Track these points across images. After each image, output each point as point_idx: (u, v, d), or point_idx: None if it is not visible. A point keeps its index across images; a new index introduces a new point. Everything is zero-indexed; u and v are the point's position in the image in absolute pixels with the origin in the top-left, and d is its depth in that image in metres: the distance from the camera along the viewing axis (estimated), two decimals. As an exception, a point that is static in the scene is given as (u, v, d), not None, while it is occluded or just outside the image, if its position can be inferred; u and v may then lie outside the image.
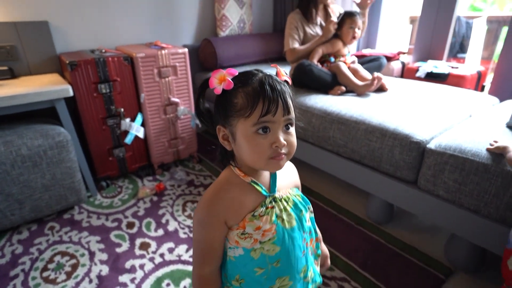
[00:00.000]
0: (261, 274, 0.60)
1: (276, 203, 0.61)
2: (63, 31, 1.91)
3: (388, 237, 1.44)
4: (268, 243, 0.59)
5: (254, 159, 0.57)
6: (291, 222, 0.62)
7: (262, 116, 0.53)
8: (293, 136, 0.59)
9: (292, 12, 1.86)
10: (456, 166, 1.08)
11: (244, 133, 0.55)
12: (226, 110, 0.57)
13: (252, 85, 0.55)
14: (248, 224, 0.58)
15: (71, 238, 1.47)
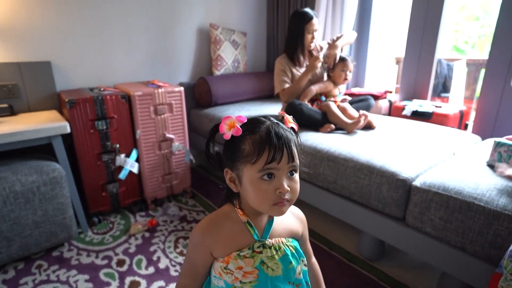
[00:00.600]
0: None
1: (264, 249, 0.62)
2: (64, 70, 1.99)
3: (379, 274, 1.43)
4: (248, 285, 0.61)
5: (259, 203, 0.60)
6: (277, 271, 0.63)
7: (268, 163, 0.57)
8: (296, 182, 0.61)
9: (279, 57, 1.98)
10: (441, 204, 1.11)
11: (249, 178, 0.59)
12: (234, 155, 0.60)
13: (260, 133, 0.59)
14: (232, 261, 0.61)
15: (59, 277, 1.44)
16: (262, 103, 2.50)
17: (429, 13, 2.06)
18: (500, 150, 1.19)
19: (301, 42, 1.93)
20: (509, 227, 0.96)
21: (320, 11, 2.33)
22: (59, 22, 1.92)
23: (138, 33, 2.22)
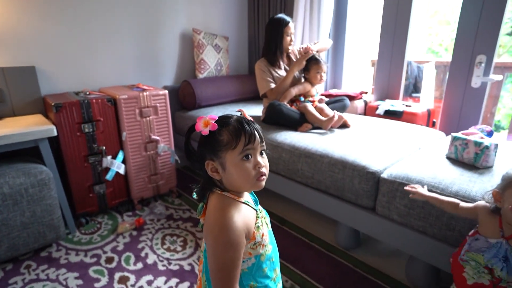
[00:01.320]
0: (267, 271, 0.75)
1: (260, 213, 0.78)
2: (49, 74, 2.03)
3: (355, 262, 1.54)
4: (267, 245, 0.75)
5: (244, 181, 0.70)
6: (269, 225, 0.79)
7: (246, 145, 0.69)
8: (267, 160, 0.75)
9: (258, 61, 2.09)
10: (405, 192, 1.23)
11: (232, 162, 0.69)
12: (214, 147, 0.70)
13: (233, 124, 0.70)
14: (256, 235, 0.71)
15: (48, 276, 1.48)
16: (245, 104, 2.59)
17: (398, 19, 2.21)
18: (456, 144, 1.33)
19: (281, 44, 2.04)
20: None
21: (298, 17, 2.45)
22: (43, 27, 1.95)
23: (122, 38, 2.28)
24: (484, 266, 0.89)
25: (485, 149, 1.22)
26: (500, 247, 0.88)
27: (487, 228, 0.92)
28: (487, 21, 1.82)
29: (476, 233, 0.94)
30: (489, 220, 0.93)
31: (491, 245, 0.89)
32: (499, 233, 0.89)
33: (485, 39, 1.85)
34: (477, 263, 0.90)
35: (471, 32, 1.89)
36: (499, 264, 0.86)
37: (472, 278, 0.91)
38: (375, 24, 2.46)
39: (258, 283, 0.73)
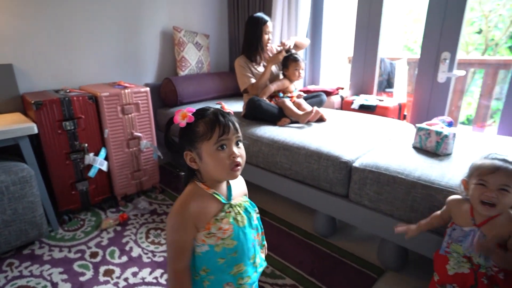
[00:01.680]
0: (222, 263, 0.77)
1: (232, 208, 0.79)
2: (27, 72, 2.02)
3: (332, 247, 1.64)
4: (228, 239, 0.77)
5: (219, 170, 0.75)
6: (243, 222, 0.80)
7: (220, 136, 0.73)
8: (243, 150, 0.79)
9: (238, 58, 2.16)
10: (374, 179, 1.33)
11: (208, 152, 0.74)
12: (191, 138, 0.76)
13: (209, 116, 0.75)
14: (213, 226, 0.75)
15: (32, 272, 1.50)
16: (226, 101, 2.64)
17: (371, 19, 2.33)
18: (420, 134, 1.44)
19: (259, 42, 2.12)
20: (422, 193, 1.19)
21: (277, 16, 2.52)
22: (21, 24, 1.94)
23: (102, 36, 2.28)
24: (463, 256, 0.94)
25: (445, 138, 1.33)
26: (473, 235, 0.92)
27: (460, 217, 0.98)
28: (450, 21, 1.95)
29: (453, 224, 1.00)
30: (461, 210, 0.98)
31: (466, 233, 0.94)
32: (471, 221, 0.94)
33: (448, 37, 1.99)
34: (457, 253, 0.95)
35: (436, 31, 2.02)
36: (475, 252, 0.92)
37: (453, 268, 0.95)
38: (351, 23, 2.56)
39: (211, 270, 0.78)
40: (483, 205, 0.89)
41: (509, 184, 0.86)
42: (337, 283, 1.40)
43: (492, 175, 0.87)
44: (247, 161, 1.88)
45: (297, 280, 1.42)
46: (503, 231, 0.90)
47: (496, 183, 0.87)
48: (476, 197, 0.90)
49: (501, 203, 0.87)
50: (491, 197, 0.87)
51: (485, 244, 0.88)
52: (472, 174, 0.94)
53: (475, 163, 0.94)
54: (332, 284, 1.39)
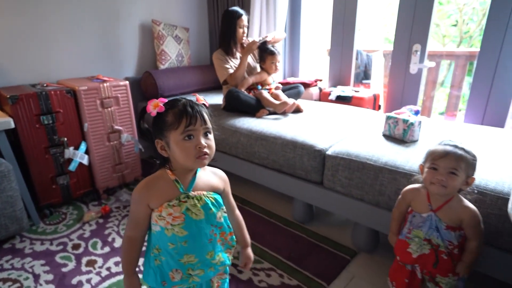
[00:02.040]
0: (172, 248, 0.81)
1: (189, 199, 0.81)
2: (2, 67, 1.99)
3: (309, 232, 1.72)
4: (177, 227, 0.80)
5: (185, 159, 0.78)
6: (199, 216, 0.82)
7: (186, 127, 0.76)
8: (211, 141, 0.82)
9: (215, 52, 2.21)
10: (345, 166, 1.40)
11: (175, 141, 0.77)
12: (161, 127, 0.79)
13: (178, 107, 0.78)
14: (164, 210, 0.79)
15: (13, 265, 1.51)
16: (206, 94, 2.67)
17: (347, 12, 2.39)
18: (389, 122, 1.52)
19: (234, 36, 2.16)
20: (389, 177, 1.27)
21: (255, 9, 2.55)
22: (-7, 18, 1.91)
23: (80, 29, 2.26)
24: (423, 239, 1.01)
25: (411, 125, 1.42)
26: (431, 220, 0.99)
27: (419, 204, 1.03)
28: (420, 14, 2.04)
29: (412, 211, 1.06)
30: (419, 197, 1.04)
31: (425, 219, 1.00)
32: (428, 207, 1.00)
33: (419, 30, 2.07)
34: (419, 238, 1.02)
35: (408, 24, 2.10)
36: (434, 234, 0.99)
37: (416, 252, 1.02)
38: (329, 15, 2.62)
39: (162, 251, 0.83)
40: (433, 184, 0.95)
41: (457, 168, 0.92)
42: (312, 265, 1.48)
43: (443, 159, 0.94)
44: (227, 152, 1.94)
45: (274, 264, 1.49)
46: (456, 215, 0.97)
47: (446, 166, 0.93)
48: (428, 180, 0.97)
49: (450, 186, 0.93)
50: (440, 180, 0.93)
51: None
52: (427, 158, 1.00)
53: (430, 149, 1.00)
54: (308, 267, 1.47)
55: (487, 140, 1.47)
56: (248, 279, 1.41)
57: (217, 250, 0.87)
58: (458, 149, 0.94)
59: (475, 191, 1.07)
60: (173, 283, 0.83)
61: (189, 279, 0.84)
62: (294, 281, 1.39)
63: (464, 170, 0.93)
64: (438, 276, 1.03)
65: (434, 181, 0.95)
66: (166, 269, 0.83)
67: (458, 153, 0.93)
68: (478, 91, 1.93)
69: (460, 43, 4.68)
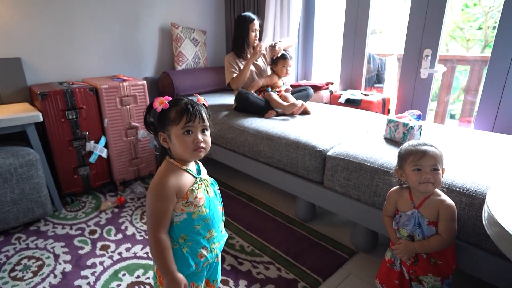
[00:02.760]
0: (199, 228, 0.91)
1: (202, 181, 0.94)
2: (34, 65, 2.18)
3: (310, 230, 1.77)
4: (202, 207, 0.90)
5: (183, 151, 0.88)
6: (211, 193, 0.95)
7: (186, 123, 0.86)
8: (208, 137, 0.92)
9: (228, 55, 2.32)
10: (344, 167, 1.45)
11: (176, 135, 0.88)
12: (164, 121, 0.89)
13: (181, 105, 0.89)
14: (190, 195, 0.88)
15: (37, 245, 1.67)
16: (221, 94, 2.78)
17: (359, 17, 2.42)
18: (390, 126, 1.55)
19: (247, 39, 2.25)
20: (385, 178, 1.31)
21: (270, 13, 2.63)
22: (29, 21, 2.10)
23: (104, 32, 2.43)
24: (407, 236, 1.07)
25: (410, 129, 1.45)
26: (414, 216, 1.05)
27: (403, 204, 1.09)
28: (431, 19, 2.04)
29: (398, 212, 1.11)
30: (403, 197, 1.09)
31: (409, 217, 1.06)
32: (411, 205, 1.06)
33: (430, 35, 2.08)
34: (404, 236, 1.08)
35: (419, 29, 2.11)
36: (417, 230, 1.04)
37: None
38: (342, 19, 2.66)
39: (189, 236, 0.90)
40: (423, 184, 1.00)
41: (437, 164, 1.00)
42: (310, 261, 1.54)
43: (424, 159, 0.99)
44: (236, 151, 2.03)
45: (273, 258, 1.56)
46: (435, 208, 1.02)
47: (428, 164, 0.99)
48: (416, 181, 1.01)
49: (437, 182, 1.00)
50: (428, 178, 0.99)
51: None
52: (405, 162, 1.04)
53: (403, 152, 1.05)
54: (305, 262, 1.53)
55: (477, 145, 1.47)
56: (247, 270, 1.49)
57: (221, 222, 1.00)
58: (432, 147, 1.01)
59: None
60: (203, 261, 0.91)
61: (213, 253, 0.93)
62: (291, 275, 1.46)
63: (441, 164, 1.01)
64: (421, 275, 1.07)
65: (422, 180, 1.00)
66: (195, 251, 0.90)
67: (434, 150, 1.01)
68: (489, 97, 1.92)
69: (485, 47, 4.54)
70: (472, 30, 4.67)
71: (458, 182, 1.15)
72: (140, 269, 1.49)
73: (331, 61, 3.13)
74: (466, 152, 1.40)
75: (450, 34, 4.58)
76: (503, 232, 0.62)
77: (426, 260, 1.04)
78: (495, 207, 0.70)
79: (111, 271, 1.48)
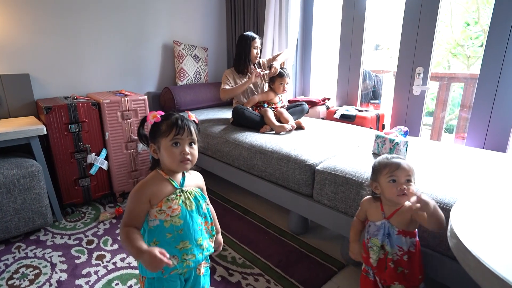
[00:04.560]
0: (170, 237, 0.94)
1: (182, 193, 0.97)
2: (41, 81, 2.29)
3: (301, 243, 1.80)
4: (175, 218, 0.94)
5: (171, 162, 0.94)
6: (191, 206, 0.98)
7: (175, 135, 0.93)
8: (195, 150, 0.97)
9: (227, 70, 2.43)
10: (331, 180, 1.50)
11: (164, 146, 0.94)
12: (155, 134, 0.96)
13: (171, 119, 0.95)
14: (164, 204, 0.94)
15: (36, 254, 1.72)
16: (220, 109, 2.86)
17: (354, 34, 2.50)
18: (378, 141, 1.59)
19: (249, 56, 2.35)
20: (369, 192, 1.35)
21: (268, 30, 2.73)
22: (37, 38, 2.22)
23: (109, 49, 2.55)
24: (380, 246, 1.09)
25: (396, 145, 1.49)
26: (384, 227, 1.09)
27: (373, 214, 1.14)
28: (423, 38, 2.11)
29: (368, 221, 1.16)
30: (373, 207, 1.15)
31: (379, 227, 1.10)
32: (382, 216, 1.11)
33: (422, 53, 2.14)
34: (376, 246, 1.10)
35: (411, 47, 2.18)
36: (386, 240, 1.08)
37: (376, 260, 1.10)
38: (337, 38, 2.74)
39: (160, 242, 0.94)
40: (399, 196, 1.04)
41: (411, 176, 1.05)
42: (299, 273, 1.56)
43: (398, 170, 1.04)
44: (231, 164, 2.09)
45: (264, 270, 1.59)
46: (407, 216, 1.06)
47: (403, 175, 1.04)
48: (393, 193, 1.04)
49: (410, 192, 1.04)
50: (404, 189, 1.03)
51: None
52: (380, 174, 1.08)
53: (378, 165, 1.09)
54: (294, 274, 1.55)
55: (459, 160, 1.51)
56: (237, 281, 1.52)
57: (204, 237, 1.02)
58: (403, 160, 1.07)
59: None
60: (170, 269, 0.95)
61: (183, 263, 0.96)
62: (280, 287, 1.48)
63: (413, 177, 1.06)
64: (391, 284, 1.10)
65: (399, 192, 1.03)
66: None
67: (407, 163, 1.06)
68: (479, 114, 1.95)
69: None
70: (474, 47, 4.74)
71: (437, 196, 1.19)
72: (133, 279, 1.53)
73: (329, 77, 3.20)
74: (448, 168, 1.43)
75: (451, 51, 4.64)
76: (459, 244, 0.66)
77: (393, 269, 1.07)
78: (456, 221, 0.74)
79: (105, 280, 1.52)
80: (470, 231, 0.72)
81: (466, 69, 4.59)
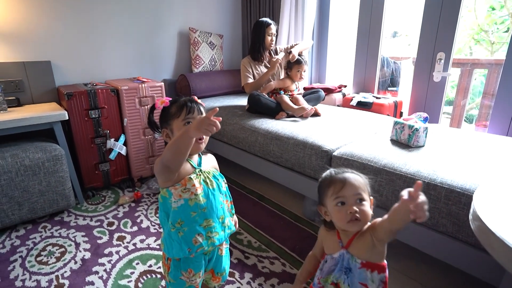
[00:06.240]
0: (194, 216, 0.96)
1: (202, 173, 0.99)
2: (62, 68, 2.35)
3: (316, 229, 1.81)
4: (199, 196, 0.96)
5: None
6: (213, 185, 1.00)
7: (186, 115, 0.94)
8: None
9: (244, 58, 2.41)
10: (348, 166, 1.49)
11: (177, 127, 0.95)
12: (166, 117, 0.98)
13: (180, 101, 0.97)
14: (188, 182, 0.95)
15: (61, 234, 1.80)
16: (235, 96, 2.87)
17: (373, 21, 2.44)
18: (396, 127, 1.57)
19: (263, 43, 2.32)
20: (386, 178, 1.34)
21: (284, 17, 2.70)
22: (58, 27, 2.27)
23: (126, 36, 2.58)
24: (330, 283, 0.86)
25: (415, 131, 1.46)
26: (343, 259, 0.85)
27: (330, 245, 0.90)
28: (445, 23, 2.04)
29: (325, 256, 0.92)
30: (329, 237, 0.90)
31: (336, 260, 0.86)
32: (339, 246, 0.86)
33: (443, 38, 2.08)
34: (328, 284, 0.87)
35: (432, 32, 2.11)
36: (342, 277, 0.84)
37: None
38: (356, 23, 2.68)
39: (185, 222, 0.96)
40: (351, 222, 0.80)
41: (361, 193, 0.81)
42: (315, 258, 1.58)
43: (345, 188, 0.81)
44: (247, 150, 2.10)
45: (279, 254, 1.61)
46: (368, 242, 0.81)
47: (351, 194, 0.80)
48: (342, 219, 0.81)
49: (365, 215, 0.80)
50: (355, 212, 0.79)
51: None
52: (325, 196, 0.85)
53: (322, 185, 0.88)
54: (310, 259, 1.57)
55: (482, 147, 1.47)
56: (253, 264, 1.55)
57: (226, 215, 1.04)
58: (352, 173, 0.85)
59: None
60: (197, 247, 0.97)
61: (208, 241, 0.98)
62: (295, 270, 1.50)
63: (367, 192, 0.83)
64: None
65: (350, 217, 0.79)
66: (189, 236, 0.96)
67: (355, 177, 0.84)
68: (503, 101, 1.89)
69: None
70: (500, 32, 4.54)
71: (458, 182, 1.17)
72: (153, 259, 1.58)
73: (345, 64, 3.15)
74: (469, 154, 1.40)
75: (474, 37, 4.47)
76: (482, 226, 0.65)
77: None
78: (479, 204, 0.73)
79: (126, 259, 1.58)
80: (493, 214, 0.71)
81: (489, 55, 4.42)
